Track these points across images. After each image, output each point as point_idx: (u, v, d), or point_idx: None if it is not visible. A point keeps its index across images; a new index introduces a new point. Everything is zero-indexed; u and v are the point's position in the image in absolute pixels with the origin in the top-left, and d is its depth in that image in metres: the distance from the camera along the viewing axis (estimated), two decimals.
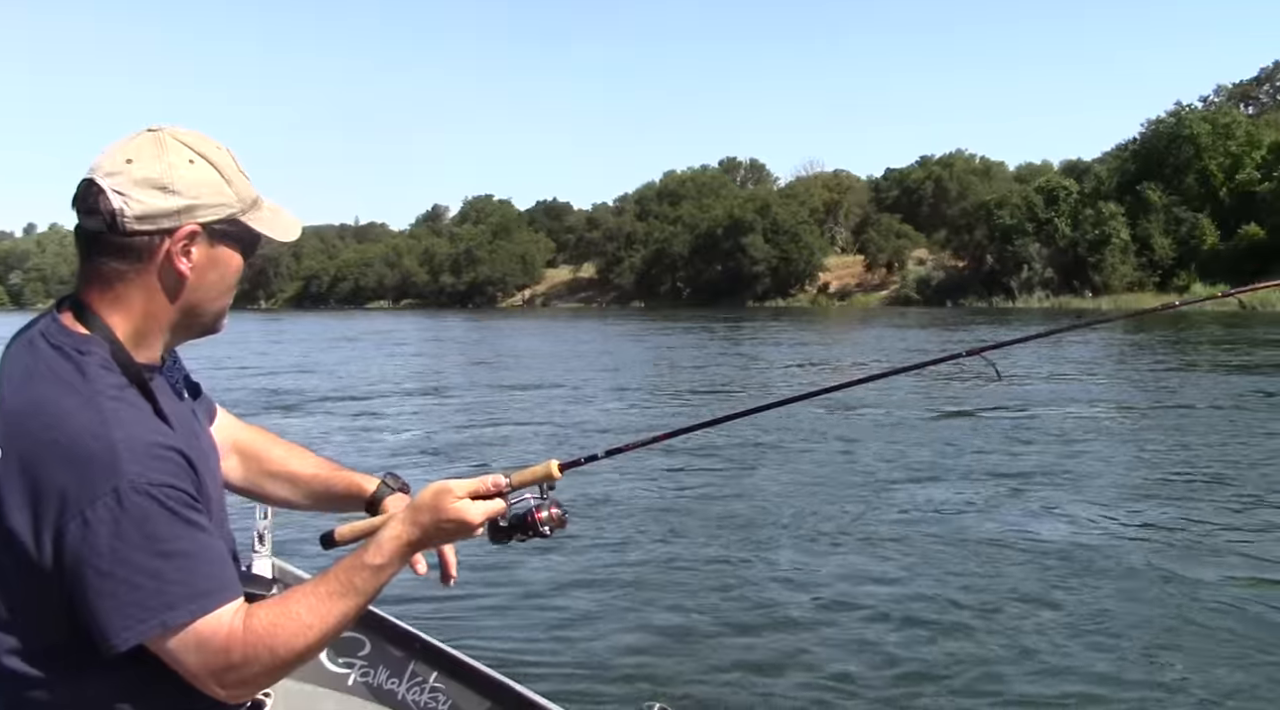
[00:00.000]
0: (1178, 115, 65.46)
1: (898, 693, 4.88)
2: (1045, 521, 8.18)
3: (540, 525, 1.65)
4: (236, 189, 1.55)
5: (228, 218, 1.54)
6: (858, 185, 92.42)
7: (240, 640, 1.43)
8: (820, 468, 10.70)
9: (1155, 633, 5.64)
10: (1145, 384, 18.49)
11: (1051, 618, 5.89)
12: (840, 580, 6.66)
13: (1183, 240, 59.23)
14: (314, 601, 1.48)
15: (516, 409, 16.62)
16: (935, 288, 69.00)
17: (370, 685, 2.77)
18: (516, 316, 73.19)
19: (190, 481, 1.46)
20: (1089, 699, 4.79)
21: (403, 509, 1.61)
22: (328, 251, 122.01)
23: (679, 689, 4.85)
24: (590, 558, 7.17)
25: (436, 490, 1.59)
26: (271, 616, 1.46)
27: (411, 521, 1.56)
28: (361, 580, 1.52)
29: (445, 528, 1.58)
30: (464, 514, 1.58)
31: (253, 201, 1.59)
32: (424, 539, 1.57)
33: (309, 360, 28.52)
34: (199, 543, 1.43)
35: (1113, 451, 11.46)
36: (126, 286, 1.51)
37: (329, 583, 1.51)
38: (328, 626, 1.49)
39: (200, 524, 1.44)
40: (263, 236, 1.62)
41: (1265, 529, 7.78)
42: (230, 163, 1.56)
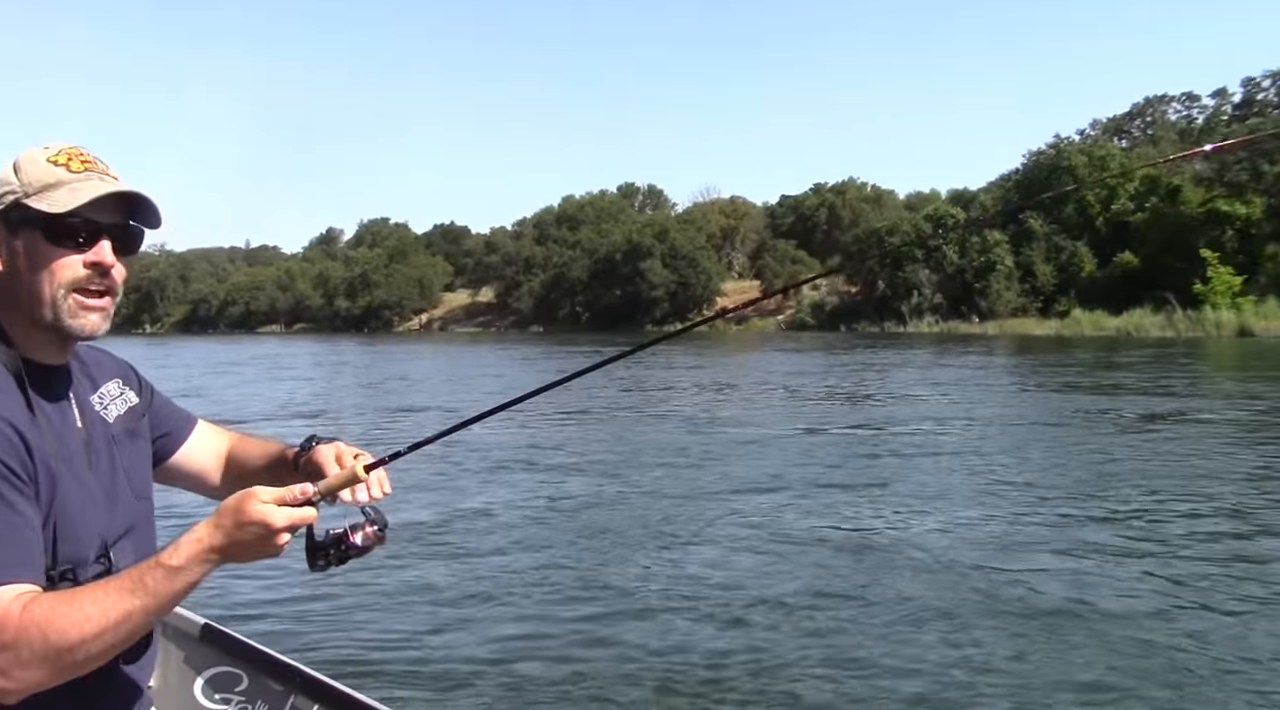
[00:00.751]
0: (1057, 147, 68.29)
1: (756, 686, 5.01)
2: (875, 523, 8.41)
3: (355, 542, 1.61)
4: (23, 176, 1.59)
5: (12, 205, 1.59)
6: (754, 211, 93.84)
7: (14, 622, 1.38)
8: (668, 478, 10.84)
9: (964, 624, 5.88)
10: (997, 402, 19.14)
11: (864, 612, 6.17)
12: (687, 581, 6.83)
13: (1063, 267, 61.56)
14: (101, 595, 1.44)
15: (395, 433, 16.53)
16: (829, 313, 70.39)
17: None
18: (413, 341, 72.29)
19: (18, 460, 1.47)
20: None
21: (211, 515, 1.56)
22: (217, 275, 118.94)
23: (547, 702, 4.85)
24: (452, 566, 7.18)
25: (241, 496, 1.53)
26: (53, 604, 1.42)
27: (215, 525, 1.51)
28: (154, 580, 1.46)
29: (248, 531, 1.51)
30: (267, 517, 1.50)
31: (44, 185, 1.59)
32: (226, 544, 1.50)
33: (192, 386, 27.73)
34: (1, 517, 1.43)
35: (949, 463, 11.85)
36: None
37: (121, 580, 1.47)
38: (108, 621, 1.42)
39: (8, 499, 1.44)
40: (50, 212, 1.57)
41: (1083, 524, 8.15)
42: (37, 157, 1.62)
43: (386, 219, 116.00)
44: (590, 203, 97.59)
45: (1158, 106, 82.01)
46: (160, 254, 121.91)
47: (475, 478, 11.59)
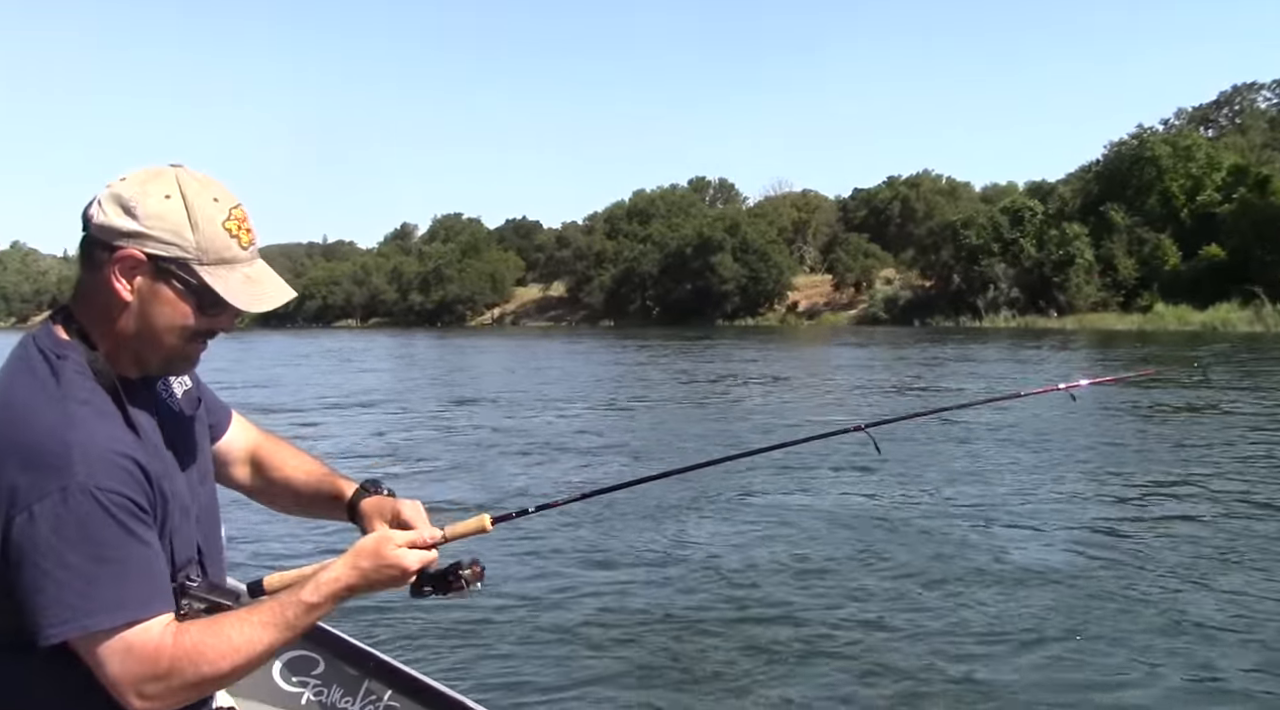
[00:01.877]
0: (1140, 137, 66.44)
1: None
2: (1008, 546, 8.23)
3: (459, 581, 1.73)
4: (201, 237, 1.55)
5: (177, 259, 1.55)
6: (826, 205, 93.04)
7: (169, 653, 1.46)
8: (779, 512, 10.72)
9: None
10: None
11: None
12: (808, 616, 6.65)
13: (1145, 260, 59.94)
14: (246, 628, 1.53)
15: (471, 429, 16.62)
16: (903, 307, 69.43)
17: (325, 705, 2.72)
18: (487, 335, 73.04)
19: (142, 492, 1.50)
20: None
21: (345, 554, 1.66)
22: (295, 270, 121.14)
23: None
24: (539, 586, 7.09)
25: (379, 538, 1.68)
26: (201, 635, 1.50)
27: (352, 566, 1.63)
28: (294, 615, 1.57)
29: (384, 573, 1.65)
30: (402, 561, 1.66)
31: (220, 258, 1.57)
32: (361, 583, 1.63)
33: (270, 376, 28.34)
34: (135, 554, 1.47)
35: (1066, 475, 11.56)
36: (89, 296, 1.59)
37: (263, 613, 1.56)
38: (254, 653, 1.53)
39: (140, 536, 1.48)
40: (228, 301, 1.58)
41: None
42: (212, 213, 1.57)
43: (459, 214, 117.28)
44: (661, 197, 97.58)
45: (1246, 94, 79.52)
46: None
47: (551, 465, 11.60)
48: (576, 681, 5.24)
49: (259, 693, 2.75)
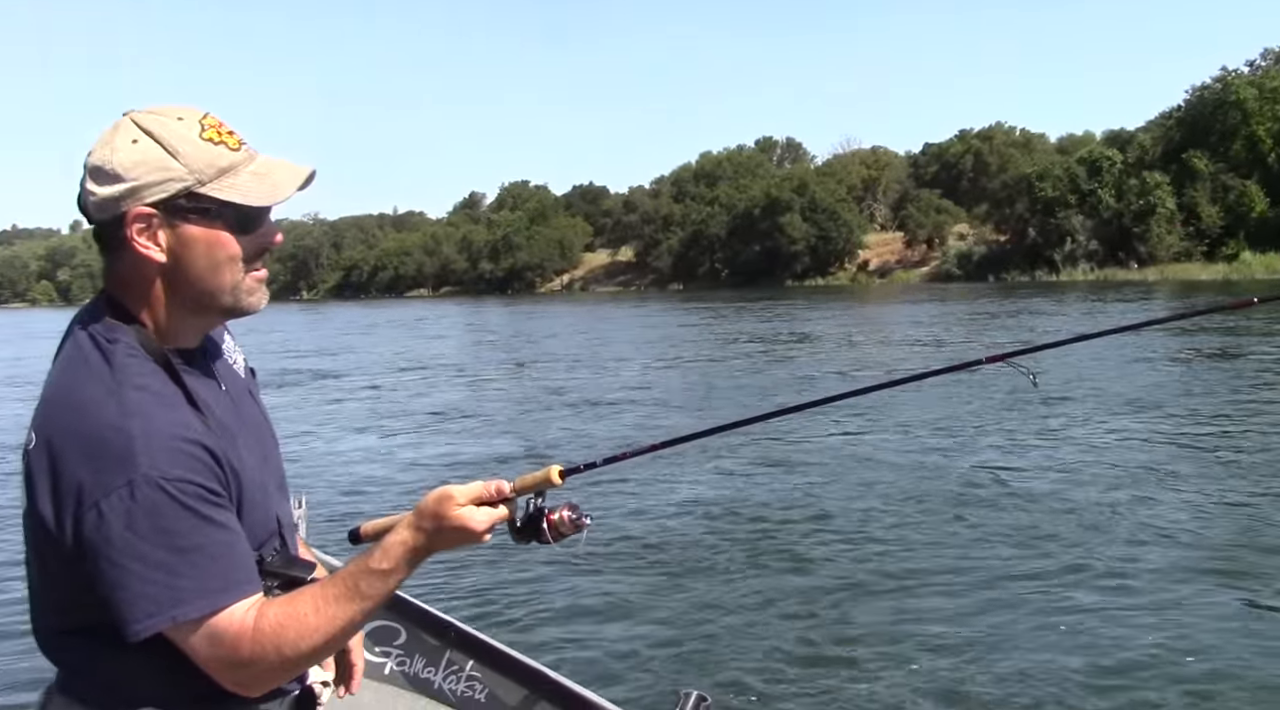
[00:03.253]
0: (1223, 80, 63.83)
1: (932, 685, 4.83)
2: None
3: (555, 526, 1.64)
4: (187, 160, 1.47)
5: (180, 192, 1.47)
6: (896, 161, 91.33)
7: (249, 638, 1.43)
8: (854, 464, 10.63)
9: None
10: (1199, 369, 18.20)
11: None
12: (878, 578, 6.58)
13: (1230, 208, 57.98)
14: (320, 604, 1.47)
15: (542, 395, 16.71)
16: (977, 263, 68.08)
17: (407, 674, 2.77)
18: (556, 301, 73.42)
19: (212, 475, 1.45)
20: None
21: (409, 514, 1.56)
22: (367, 241, 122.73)
23: (714, 679, 4.82)
24: (617, 552, 7.13)
25: (439, 496, 1.55)
26: (280, 617, 1.46)
27: (416, 527, 1.53)
28: (367, 585, 1.49)
29: (449, 534, 1.54)
30: (466, 521, 1.53)
31: (219, 169, 1.49)
32: (428, 544, 1.53)
33: (342, 344, 28.87)
34: (213, 539, 1.43)
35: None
36: (124, 275, 1.52)
37: (336, 586, 1.49)
38: (334, 629, 1.48)
39: (216, 519, 1.44)
40: (248, 204, 1.50)
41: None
42: (185, 133, 1.48)
43: (526, 181, 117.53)
44: (728, 158, 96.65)
45: None
46: (314, 222, 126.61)
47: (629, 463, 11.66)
48: (648, 644, 5.27)
49: None
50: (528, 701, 2.52)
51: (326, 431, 13.79)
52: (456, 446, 12.22)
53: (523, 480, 1.64)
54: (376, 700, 2.73)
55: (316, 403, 17.20)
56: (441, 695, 2.68)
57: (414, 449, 12.20)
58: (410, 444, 12.60)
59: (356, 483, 10.12)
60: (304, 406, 16.72)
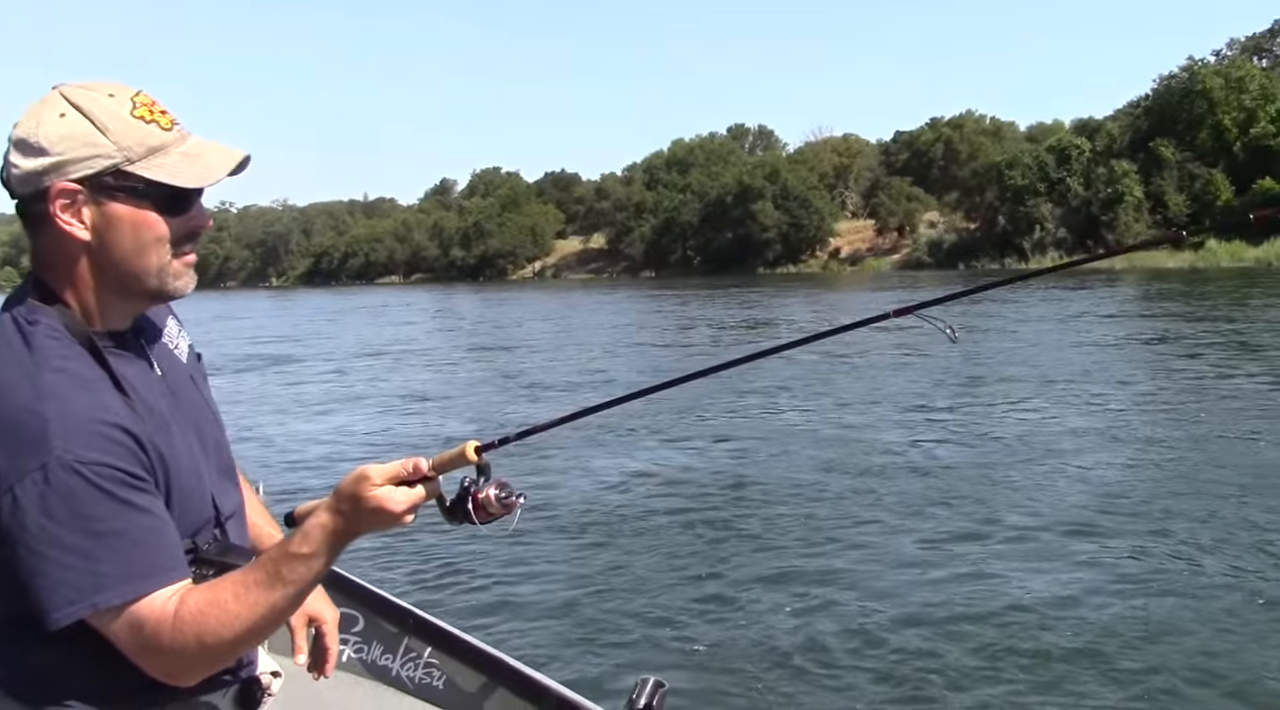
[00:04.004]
0: (1190, 70, 64.42)
1: (889, 674, 4.86)
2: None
3: (477, 509, 1.55)
4: (116, 137, 1.43)
5: (107, 170, 1.42)
6: (867, 149, 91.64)
7: (169, 626, 1.38)
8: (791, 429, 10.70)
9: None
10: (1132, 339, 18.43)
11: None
12: (823, 557, 6.65)
13: (1197, 196, 58.60)
14: (242, 590, 1.42)
15: (498, 379, 16.88)
16: (947, 250, 68.48)
17: (365, 661, 2.75)
18: (527, 288, 73.30)
19: (134, 459, 1.40)
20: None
21: (328, 497, 1.49)
22: (337, 228, 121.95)
23: (671, 664, 4.83)
24: (576, 539, 7.11)
25: (355, 477, 1.47)
26: (200, 604, 1.40)
27: (334, 509, 1.46)
28: (289, 569, 1.43)
29: (367, 516, 1.46)
30: (384, 502, 1.45)
31: (148, 148, 1.45)
32: (348, 527, 1.46)
33: (313, 329, 28.76)
34: (135, 523, 1.38)
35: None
36: (50, 254, 1.48)
37: (257, 572, 1.43)
38: (257, 616, 1.42)
39: (137, 504, 1.39)
40: (177, 185, 1.46)
41: None
42: (115, 109, 1.44)
43: (498, 168, 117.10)
44: (700, 146, 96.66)
45: None
46: (283, 209, 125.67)
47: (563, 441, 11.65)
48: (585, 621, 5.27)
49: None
50: (486, 688, 2.51)
51: (290, 416, 13.84)
52: (414, 428, 12.50)
53: (439, 458, 1.56)
54: (333, 688, 2.69)
55: (279, 387, 17.28)
56: (399, 682, 2.66)
57: (376, 432, 12.33)
58: (372, 427, 12.83)
59: (317, 466, 10.09)
60: (267, 391, 16.77)
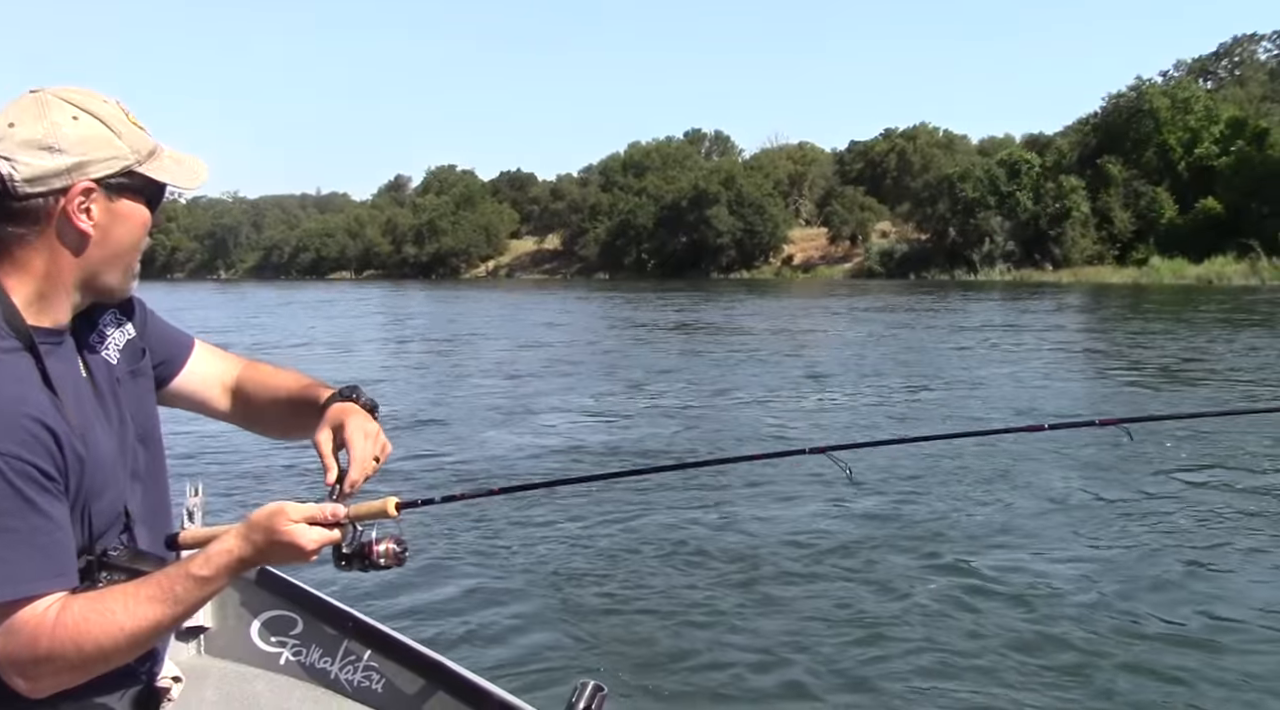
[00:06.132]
0: (1138, 89, 65.78)
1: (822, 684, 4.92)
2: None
3: (376, 558, 1.62)
4: (128, 140, 1.51)
5: (123, 170, 1.50)
6: (822, 157, 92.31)
7: (49, 633, 1.37)
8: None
9: None
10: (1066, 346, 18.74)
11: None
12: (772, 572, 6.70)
13: (1141, 213, 59.72)
14: (132, 604, 1.42)
15: (427, 379, 16.90)
16: (898, 261, 69.14)
17: (303, 664, 2.71)
18: (478, 287, 72.97)
19: (49, 457, 1.40)
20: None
21: (239, 525, 1.54)
22: (289, 222, 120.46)
23: (609, 669, 4.85)
24: (518, 549, 7.08)
25: (272, 511, 1.53)
26: (84, 612, 1.40)
27: (245, 537, 1.51)
28: (184, 589, 1.45)
29: (277, 550, 1.52)
30: (297, 538, 1.52)
31: (149, 151, 1.54)
32: (255, 557, 1.51)
33: (258, 323, 28.45)
34: (31, 524, 1.37)
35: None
36: (25, 251, 1.49)
37: (150, 587, 1.45)
38: (140, 631, 1.43)
39: (39, 505, 1.39)
40: (167, 186, 1.57)
41: None
42: (118, 115, 1.52)
43: (453, 166, 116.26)
44: (656, 149, 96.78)
45: (1247, 46, 78.78)
46: (233, 201, 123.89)
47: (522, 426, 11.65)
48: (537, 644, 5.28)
49: (236, 652, 2.75)
50: (425, 691, 2.49)
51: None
52: None
53: (357, 509, 1.63)
54: (271, 691, 2.68)
55: None
56: (338, 685, 2.64)
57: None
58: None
59: (253, 466, 9.90)
60: None
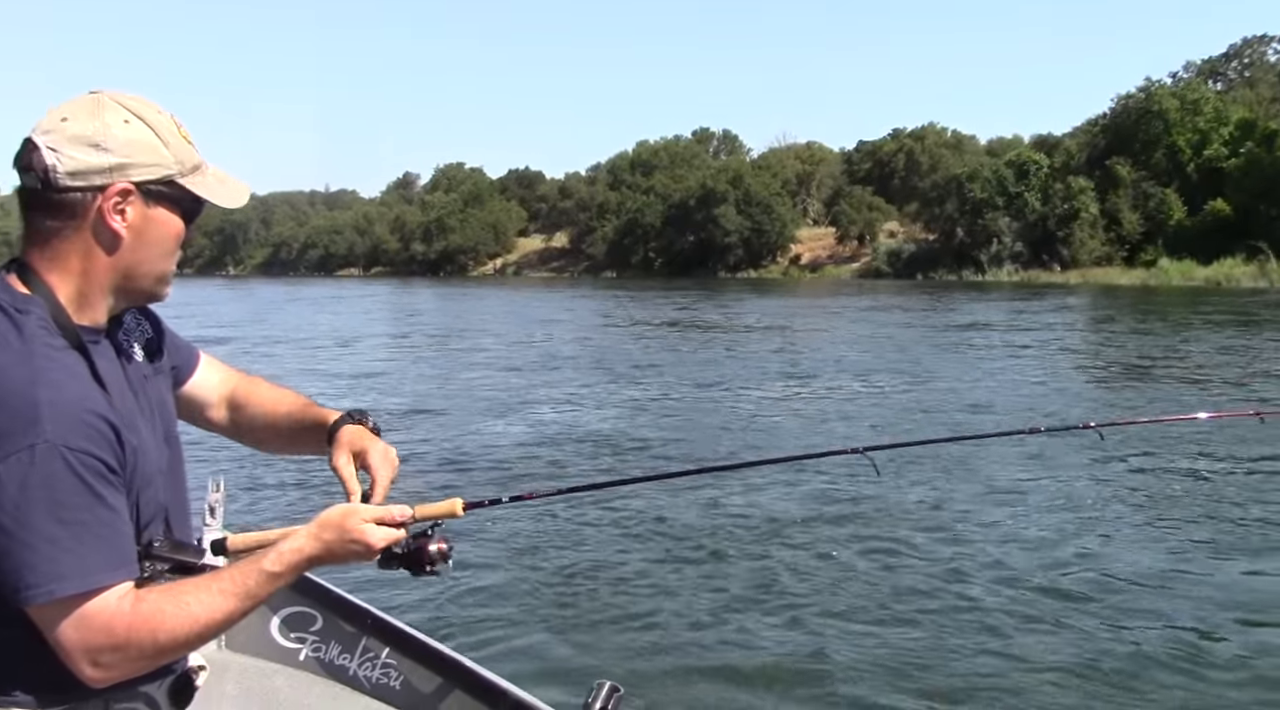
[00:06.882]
0: (1148, 91, 65.57)
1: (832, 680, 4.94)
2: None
3: (428, 559, 1.70)
4: (174, 151, 1.55)
5: (163, 179, 1.54)
6: (830, 157, 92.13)
7: (125, 622, 1.42)
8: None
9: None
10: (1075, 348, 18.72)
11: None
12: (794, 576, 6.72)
13: (1150, 215, 59.56)
14: (206, 596, 1.49)
15: (457, 380, 16.87)
16: (906, 261, 69.01)
17: (322, 661, 2.76)
18: (486, 285, 72.97)
19: (112, 452, 1.45)
20: None
21: (310, 523, 1.61)
22: (297, 218, 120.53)
23: (627, 669, 4.87)
24: (537, 549, 7.10)
25: (345, 511, 1.62)
26: (160, 603, 1.46)
27: (316, 537, 1.59)
28: (256, 584, 1.53)
29: (348, 548, 1.61)
30: (367, 537, 1.61)
31: (194, 166, 1.58)
32: (324, 555, 1.59)
33: (267, 319, 28.51)
34: (99, 517, 1.42)
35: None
36: (63, 245, 1.52)
37: (224, 581, 1.51)
38: (214, 622, 1.50)
39: (107, 499, 1.43)
40: (205, 202, 1.60)
41: None
42: (170, 127, 1.56)
43: (462, 164, 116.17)
44: (664, 148, 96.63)
45: (1257, 48, 78.32)
46: None
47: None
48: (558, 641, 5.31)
49: (256, 647, 2.79)
50: (442, 690, 2.53)
51: None
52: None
53: (424, 509, 1.71)
54: (290, 686, 2.73)
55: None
56: (356, 682, 2.68)
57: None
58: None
59: (266, 465, 9.93)
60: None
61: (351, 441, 1.84)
